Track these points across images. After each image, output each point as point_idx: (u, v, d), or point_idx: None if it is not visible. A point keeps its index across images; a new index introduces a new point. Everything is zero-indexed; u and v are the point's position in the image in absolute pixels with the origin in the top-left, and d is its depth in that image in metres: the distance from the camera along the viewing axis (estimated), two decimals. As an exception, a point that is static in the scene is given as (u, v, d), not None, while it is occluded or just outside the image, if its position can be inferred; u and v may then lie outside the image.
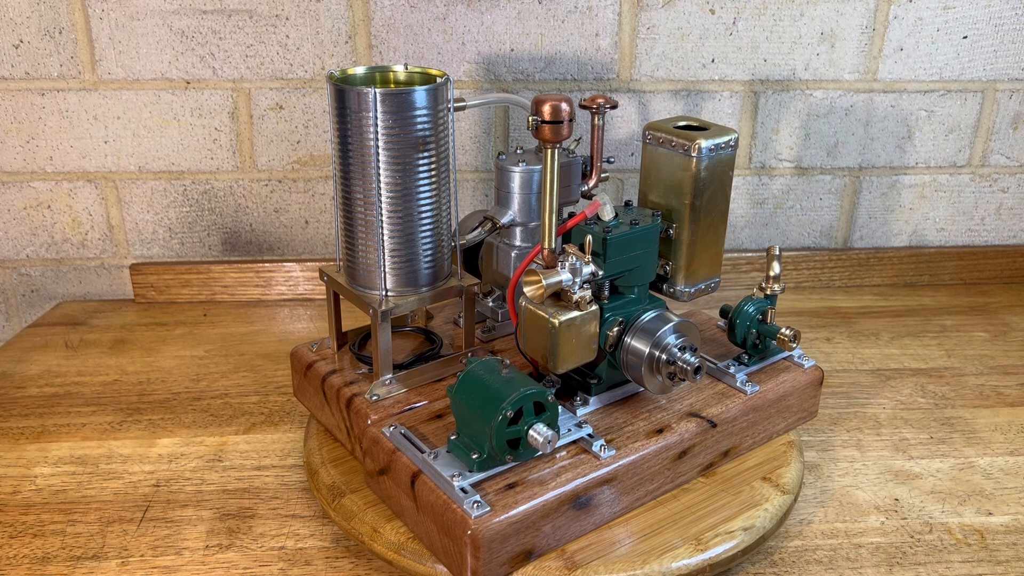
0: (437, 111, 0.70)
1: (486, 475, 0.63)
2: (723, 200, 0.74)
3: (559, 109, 0.63)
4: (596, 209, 0.68)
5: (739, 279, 1.17)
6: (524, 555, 0.62)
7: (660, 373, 0.68)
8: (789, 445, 0.77)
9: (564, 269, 0.65)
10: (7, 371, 0.96)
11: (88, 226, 1.11)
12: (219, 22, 1.02)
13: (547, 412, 0.63)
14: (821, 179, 1.16)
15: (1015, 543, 0.71)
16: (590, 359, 0.68)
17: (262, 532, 0.71)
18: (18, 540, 0.70)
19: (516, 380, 0.63)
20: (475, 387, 0.63)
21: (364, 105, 0.67)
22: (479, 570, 0.60)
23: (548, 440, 0.61)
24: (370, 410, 0.71)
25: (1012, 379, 0.96)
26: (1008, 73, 1.12)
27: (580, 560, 0.63)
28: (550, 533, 0.63)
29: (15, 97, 1.04)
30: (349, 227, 0.73)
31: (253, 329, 1.05)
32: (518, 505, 0.61)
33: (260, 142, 1.08)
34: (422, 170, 0.70)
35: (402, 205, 0.71)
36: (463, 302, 0.77)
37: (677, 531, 0.67)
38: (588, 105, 0.77)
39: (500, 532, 0.60)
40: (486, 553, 0.60)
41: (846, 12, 1.07)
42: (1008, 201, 1.20)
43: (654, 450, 0.68)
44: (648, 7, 1.04)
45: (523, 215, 0.80)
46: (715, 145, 0.71)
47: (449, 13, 1.03)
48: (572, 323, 0.65)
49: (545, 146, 0.64)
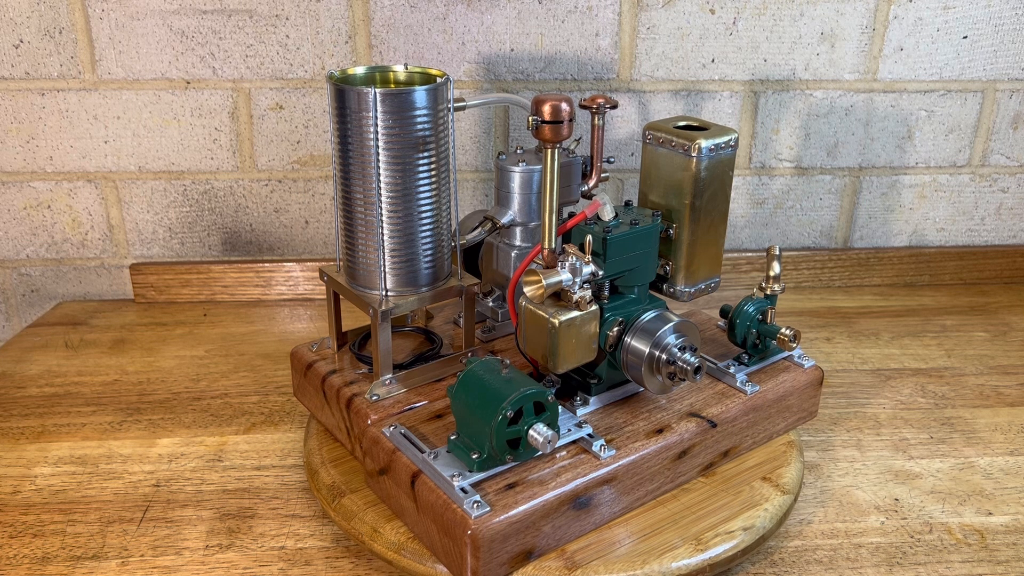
0: (437, 111, 0.70)
1: (486, 475, 0.63)
2: (723, 200, 0.74)
3: (559, 109, 0.63)
4: (596, 209, 0.68)
5: (739, 279, 1.17)
6: (524, 555, 0.62)
7: (660, 373, 0.68)
8: (789, 445, 0.77)
9: (564, 269, 0.65)
10: (7, 371, 0.96)
11: (88, 226, 1.11)
12: (219, 22, 1.02)
13: (547, 412, 0.63)
14: (821, 179, 1.16)
15: (1015, 543, 0.71)
16: (590, 359, 0.68)
17: (262, 532, 0.71)
18: (18, 540, 0.70)
19: (516, 380, 0.63)
20: (475, 387, 0.63)
21: (364, 105, 0.67)
22: (479, 570, 0.60)
23: (548, 440, 0.61)
24: (370, 410, 0.71)
25: (1012, 379, 0.96)
26: (1008, 73, 1.12)
27: (580, 560, 0.63)
28: (550, 533, 0.63)
29: (15, 97, 1.04)
30: (349, 227, 0.73)
31: (253, 329, 1.05)
32: (518, 505, 0.61)
33: (260, 142, 1.08)
34: (422, 170, 0.70)
35: (402, 205, 0.71)
36: (463, 302, 0.77)
37: (677, 531, 0.67)
38: (588, 105, 0.77)
39: (500, 532, 0.60)
40: (486, 553, 0.60)
41: (846, 12, 1.07)
42: (1008, 201, 1.20)
43: (654, 450, 0.68)
44: (648, 7, 1.04)
45: (523, 215, 0.80)
46: (715, 145, 0.71)
47: (449, 13, 1.03)
48: (572, 323, 0.65)
49: (545, 146, 0.64)
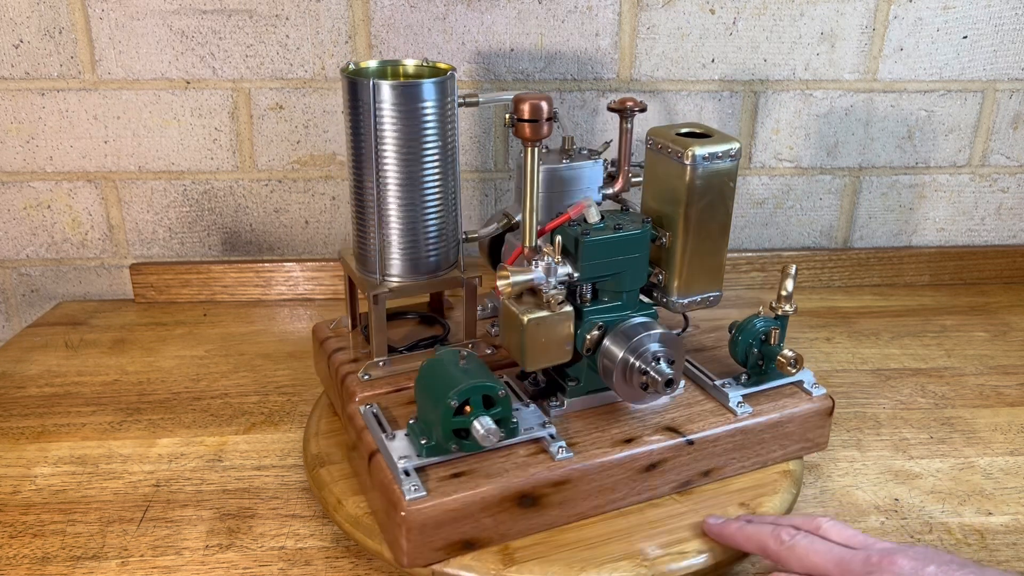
0: (444, 103, 0.72)
1: (438, 461, 0.64)
2: (722, 212, 0.71)
3: (538, 108, 0.63)
4: (581, 211, 0.68)
5: (739, 279, 1.17)
6: (463, 544, 0.63)
7: (633, 381, 0.66)
8: (784, 474, 0.73)
9: (537, 268, 0.65)
10: (7, 371, 0.96)
11: (88, 226, 1.11)
12: (219, 22, 1.02)
13: (498, 407, 0.64)
14: (821, 179, 1.16)
15: (1015, 543, 0.71)
16: (563, 360, 0.68)
17: (262, 532, 0.71)
18: (18, 540, 0.70)
19: (470, 372, 0.64)
20: (432, 375, 0.66)
21: (369, 95, 0.70)
22: (412, 552, 0.62)
23: (489, 434, 0.62)
24: (358, 388, 0.74)
25: (1012, 379, 0.96)
26: (1008, 73, 1.12)
27: (519, 558, 0.63)
28: (492, 527, 0.64)
29: (15, 97, 1.04)
30: (358, 213, 0.76)
31: (253, 329, 1.06)
32: (455, 494, 0.62)
33: (260, 142, 1.08)
34: (424, 162, 0.73)
35: (401, 195, 0.73)
36: (464, 294, 0.78)
37: (627, 544, 0.65)
38: (617, 108, 0.77)
39: (433, 518, 0.61)
40: (418, 536, 0.61)
41: (846, 12, 1.07)
42: (1008, 201, 1.20)
43: (617, 459, 0.67)
44: (648, 7, 1.05)
45: (541, 213, 0.81)
46: (710, 154, 0.68)
47: (449, 13, 1.03)
48: (541, 322, 0.65)
49: (525, 144, 0.65)
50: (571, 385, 0.71)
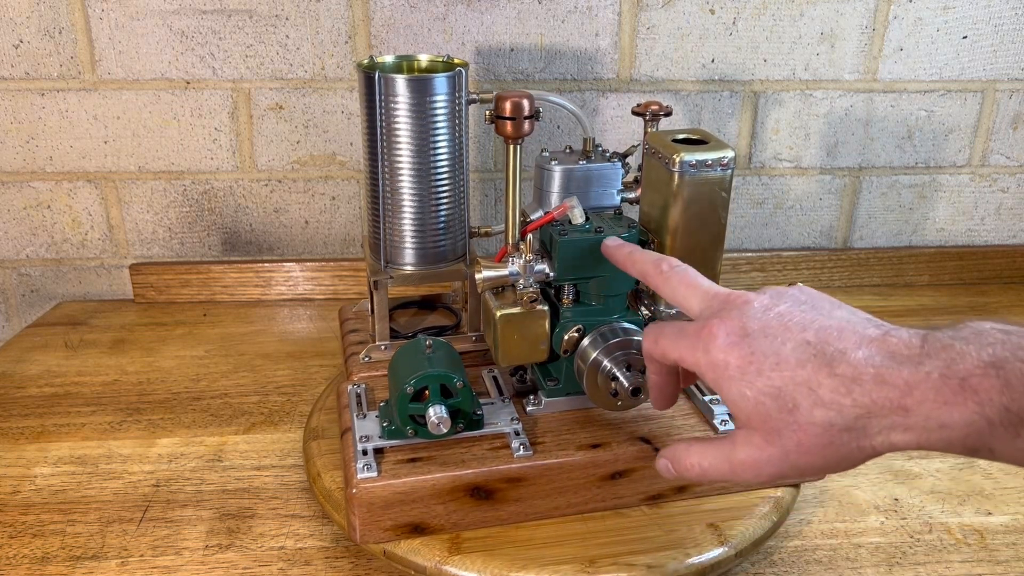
0: (454, 98, 0.74)
1: (401, 444, 0.66)
2: (713, 222, 0.68)
3: (520, 106, 0.64)
4: (565, 211, 0.67)
5: (739, 279, 1.17)
6: (412, 527, 0.64)
7: (602, 387, 0.66)
8: (768, 501, 0.69)
9: (513, 265, 0.66)
10: (7, 371, 0.96)
11: (88, 226, 1.11)
12: (219, 22, 1.02)
13: (458, 397, 0.65)
14: (821, 179, 1.16)
15: (1015, 543, 0.71)
16: (539, 359, 0.68)
17: (262, 532, 0.71)
18: (18, 540, 0.70)
19: (432, 360, 0.66)
20: (401, 361, 0.68)
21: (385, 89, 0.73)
22: (362, 529, 0.64)
23: (440, 423, 0.64)
24: (356, 369, 0.78)
25: (1012, 379, 0.95)
26: (1008, 73, 1.12)
27: (466, 548, 0.64)
28: (443, 515, 0.65)
29: (15, 97, 1.04)
30: (371, 203, 0.79)
31: (253, 329, 1.06)
32: (405, 477, 0.63)
33: (260, 142, 1.08)
34: (436, 154, 0.75)
35: (411, 185, 0.76)
36: (468, 286, 0.80)
37: (580, 549, 0.64)
38: (641, 112, 0.76)
39: (381, 498, 0.63)
40: (366, 514, 0.63)
41: (846, 12, 1.07)
42: (1008, 201, 1.20)
43: (578, 462, 0.66)
44: (648, 7, 1.05)
45: None
46: (698, 161, 0.64)
47: (449, 13, 1.03)
48: (512, 318, 0.66)
49: (507, 142, 0.65)
50: (550, 385, 0.71)
